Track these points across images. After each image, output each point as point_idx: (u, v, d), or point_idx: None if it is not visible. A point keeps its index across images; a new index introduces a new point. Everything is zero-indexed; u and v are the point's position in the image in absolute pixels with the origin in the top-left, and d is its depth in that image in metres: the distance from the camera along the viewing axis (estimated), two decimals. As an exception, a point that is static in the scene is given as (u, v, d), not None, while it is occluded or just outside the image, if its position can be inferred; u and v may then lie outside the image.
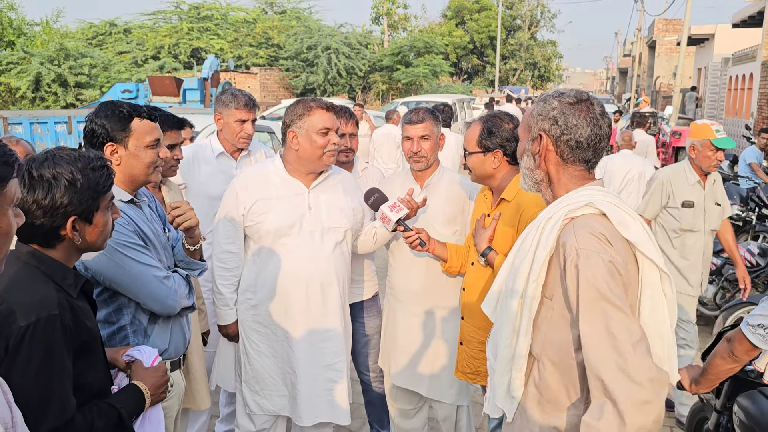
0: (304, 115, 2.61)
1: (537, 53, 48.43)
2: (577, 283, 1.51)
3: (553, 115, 1.65)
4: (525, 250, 1.68)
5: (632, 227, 1.58)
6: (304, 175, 2.71)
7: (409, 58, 31.13)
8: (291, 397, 2.74)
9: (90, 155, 1.72)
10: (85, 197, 1.64)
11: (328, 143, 2.62)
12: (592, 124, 1.64)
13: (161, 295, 2.12)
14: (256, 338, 2.76)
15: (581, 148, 1.65)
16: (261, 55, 30.06)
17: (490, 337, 1.88)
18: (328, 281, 2.70)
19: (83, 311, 1.65)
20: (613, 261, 1.50)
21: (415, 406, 3.07)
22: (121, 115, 2.13)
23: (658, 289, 1.60)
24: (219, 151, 3.39)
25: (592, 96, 1.70)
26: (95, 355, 1.69)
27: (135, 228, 2.12)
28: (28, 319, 1.49)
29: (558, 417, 1.63)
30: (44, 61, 22.52)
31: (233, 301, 2.79)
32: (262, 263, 2.70)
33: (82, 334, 1.60)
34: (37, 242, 1.64)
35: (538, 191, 1.77)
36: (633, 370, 1.41)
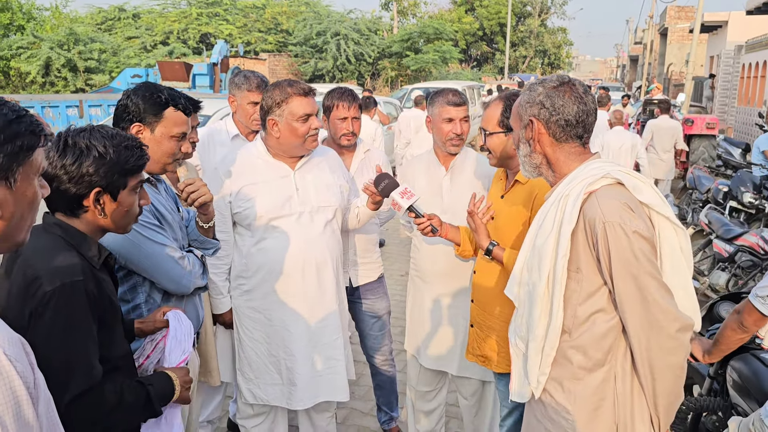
0: (283, 102, 2.56)
1: (547, 40, 48.06)
2: (609, 254, 1.63)
3: (540, 100, 1.77)
4: (548, 229, 1.74)
5: (645, 191, 1.71)
6: (287, 157, 2.68)
7: (418, 45, 30.95)
8: (288, 382, 2.72)
9: (127, 135, 1.75)
10: (111, 171, 1.66)
11: (309, 129, 2.58)
12: (578, 102, 1.76)
13: (176, 275, 2.14)
14: (250, 324, 2.75)
15: (571, 125, 1.77)
16: (270, 41, 29.98)
17: (514, 320, 1.90)
18: (322, 260, 2.69)
19: (106, 283, 1.68)
20: (638, 230, 1.63)
21: (435, 387, 3.08)
22: (158, 100, 2.15)
23: (675, 245, 1.74)
24: (234, 134, 3.38)
25: (573, 78, 1.83)
26: (116, 329, 1.71)
27: (151, 208, 2.13)
28: (53, 284, 1.51)
29: (587, 383, 1.74)
30: (54, 45, 22.54)
31: (226, 289, 2.79)
32: (253, 248, 2.67)
33: (104, 304, 1.62)
34: (62, 210, 1.67)
35: (539, 175, 1.87)
36: (665, 323, 1.62)
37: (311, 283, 2.68)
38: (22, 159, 1.10)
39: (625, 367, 1.73)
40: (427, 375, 3.04)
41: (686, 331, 1.64)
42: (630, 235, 1.61)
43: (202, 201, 2.23)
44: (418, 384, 3.09)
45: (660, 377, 1.66)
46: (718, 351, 2.43)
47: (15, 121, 1.09)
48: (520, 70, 45.20)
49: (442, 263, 2.86)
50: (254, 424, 2.92)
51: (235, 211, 2.67)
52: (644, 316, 1.63)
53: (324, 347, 2.74)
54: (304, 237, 2.65)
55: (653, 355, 1.65)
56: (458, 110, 2.73)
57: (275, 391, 2.76)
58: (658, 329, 1.63)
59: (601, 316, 1.71)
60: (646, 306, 1.63)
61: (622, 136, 7.77)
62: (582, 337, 1.73)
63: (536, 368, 1.79)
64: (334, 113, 3.10)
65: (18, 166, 1.09)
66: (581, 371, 1.74)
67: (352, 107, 3.10)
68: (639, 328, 1.65)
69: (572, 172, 1.78)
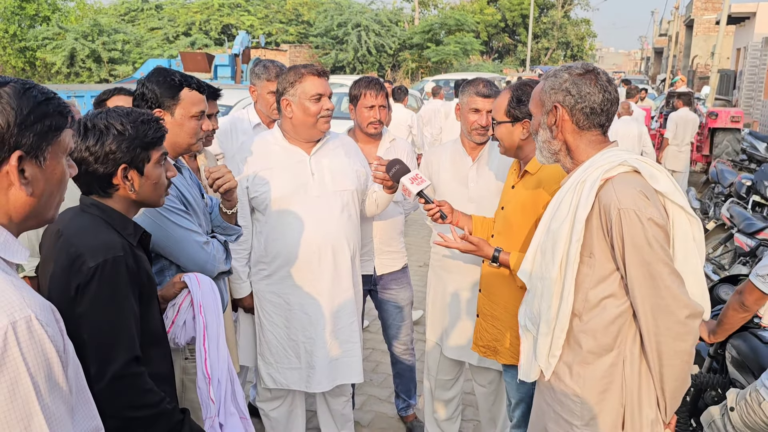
0: (296, 82, 2.61)
1: (570, 32, 47.51)
2: (623, 241, 1.66)
3: (566, 87, 1.78)
4: (563, 214, 1.77)
5: (661, 179, 1.74)
6: (303, 142, 2.72)
7: (439, 36, 30.80)
8: (307, 366, 2.78)
9: (141, 111, 1.82)
10: (133, 146, 1.73)
11: (321, 109, 2.62)
12: (603, 90, 1.78)
13: (201, 259, 2.20)
14: (270, 309, 2.80)
15: (596, 113, 1.78)
16: (291, 32, 30.06)
17: (525, 303, 1.94)
18: (338, 244, 2.72)
19: (143, 260, 1.76)
20: (653, 217, 1.66)
21: (454, 377, 3.11)
22: (172, 83, 2.20)
23: (688, 234, 1.77)
24: (255, 123, 3.43)
25: (597, 66, 1.84)
26: (153, 303, 1.80)
27: (178, 193, 2.19)
28: (96, 260, 1.60)
29: (596, 367, 1.77)
30: (78, 36, 22.86)
31: (245, 274, 2.84)
32: (271, 233, 2.72)
33: (142, 279, 1.71)
34: (96, 192, 1.75)
35: (556, 161, 1.89)
36: (675, 309, 1.65)
37: (328, 268, 2.72)
38: (51, 138, 1.15)
39: (633, 352, 1.76)
40: (447, 364, 3.07)
41: (696, 318, 1.67)
42: (644, 222, 1.64)
43: (227, 187, 2.30)
44: (438, 373, 3.12)
45: (668, 362, 1.70)
46: (722, 331, 2.53)
47: (44, 103, 1.15)
48: (542, 62, 44.75)
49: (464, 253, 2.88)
50: (273, 407, 2.98)
51: (252, 196, 2.72)
52: (655, 302, 1.66)
53: (341, 330, 2.79)
54: (319, 221, 2.69)
55: (662, 340, 1.68)
56: (485, 102, 2.72)
57: (294, 375, 2.81)
58: (669, 315, 1.66)
59: (611, 301, 1.73)
60: (657, 292, 1.66)
61: (629, 125, 7.99)
62: (592, 321, 1.76)
63: (546, 350, 1.83)
64: (362, 102, 3.13)
65: (47, 145, 1.14)
66: (590, 355, 1.77)
67: (379, 95, 3.12)
68: (649, 314, 1.68)
69: (589, 159, 1.80)
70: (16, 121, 1.09)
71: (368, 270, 3.23)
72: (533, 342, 1.89)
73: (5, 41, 23.39)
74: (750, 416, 2.41)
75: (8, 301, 1.01)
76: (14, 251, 1.12)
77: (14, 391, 0.98)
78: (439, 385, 3.12)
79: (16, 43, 23.56)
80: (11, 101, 1.09)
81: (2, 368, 0.97)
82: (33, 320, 1.02)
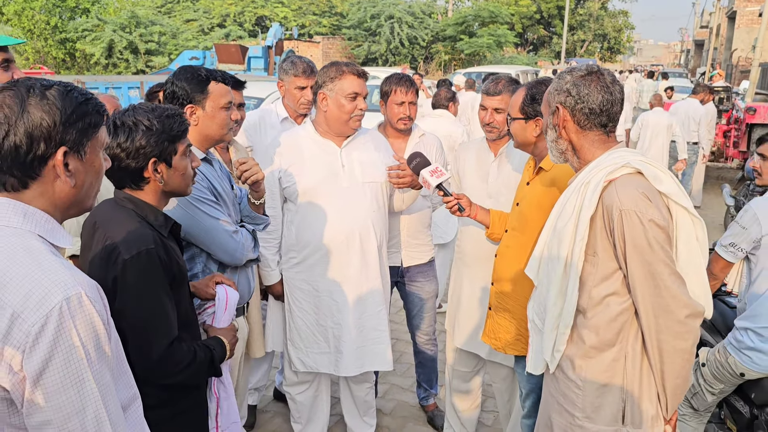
0: (336, 78, 2.70)
1: (607, 24, 46.62)
2: (624, 241, 1.71)
3: (567, 88, 1.84)
4: (568, 213, 1.82)
5: (665, 181, 1.78)
6: (334, 136, 2.81)
7: (473, 28, 30.59)
8: (335, 350, 2.87)
9: (165, 106, 1.92)
10: (161, 140, 1.83)
11: (355, 108, 2.71)
12: (603, 91, 1.82)
13: (230, 248, 2.30)
14: (299, 295, 2.89)
15: (595, 113, 1.83)
16: (324, 24, 30.19)
17: (533, 299, 2.01)
18: (366, 234, 2.81)
19: (173, 249, 1.86)
20: (654, 219, 1.69)
21: (472, 369, 3.15)
22: (200, 78, 2.31)
23: (691, 235, 1.80)
24: (283, 117, 3.51)
25: (602, 68, 1.88)
26: (184, 289, 1.91)
27: (209, 184, 2.29)
28: (130, 253, 1.71)
29: (598, 361, 1.82)
30: (117, 28, 23.32)
31: (275, 263, 2.94)
32: (302, 222, 2.82)
33: (173, 269, 1.81)
34: (128, 185, 1.86)
35: (565, 161, 1.94)
36: (675, 309, 1.70)
37: (356, 256, 2.80)
38: (91, 134, 1.28)
39: (635, 348, 1.80)
40: (464, 356, 3.12)
41: (696, 317, 1.71)
42: (645, 224, 1.68)
43: (254, 179, 2.40)
44: (455, 364, 3.18)
45: (668, 360, 1.74)
46: None
47: (84, 103, 1.27)
48: (578, 55, 44.08)
49: (485, 248, 2.91)
50: (299, 391, 3.08)
51: (284, 186, 2.82)
52: (655, 301, 1.71)
53: (368, 318, 2.87)
54: (349, 211, 2.78)
55: (663, 338, 1.72)
56: (491, 99, 2.78)
57: (323, 359, 2.91)
58: (669, 314, 1.70)
59: (614, 299, 1.78)
60: (657, 291, 1.70)
61: (660, 116, 8.58)
62: (596, 317, 1.80)
63: (551, 344, 1.88)
64: (392, 98, 3.20)
65: (87, 140, 1.27)
66: (593, 350, 1.82)
67: (409, 92, 3.18)
68: (650, 312, 1.72)
69: (595, 159, 1.85)
70: (61, 119, 1.21)
71: (395, 262, 3.30)
72: (540, 336, 1.95)
73: (47, 33, 24.00)
74: (719, 370, 2.78)
75: (61, 279, 1.14)
76: (60, 237, 1.26)
77: (69, 358, 1.12)
78: (457, 375, 3.17)
79: (57, 34, 24.17)
80: (56, 102, 1.22)
81: (59, 338, 1.11)
82: (83, 296, 1.15)
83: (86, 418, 1.14)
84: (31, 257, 1.16)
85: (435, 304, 3.53)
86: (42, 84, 1.23)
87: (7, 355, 1.09)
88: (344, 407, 3.24)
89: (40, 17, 23.77)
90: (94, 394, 1.14)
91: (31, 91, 1.20)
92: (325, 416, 3.19)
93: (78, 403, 1.13)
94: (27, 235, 1.19)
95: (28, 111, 1.18)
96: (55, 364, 1.10)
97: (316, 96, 2.78)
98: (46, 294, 1.11)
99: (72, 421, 1.12)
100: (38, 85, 1.22)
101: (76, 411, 1.12)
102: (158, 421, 1.64)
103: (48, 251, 1.19)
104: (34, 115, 1.19)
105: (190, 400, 1.93)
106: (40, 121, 1.19)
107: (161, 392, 1.80)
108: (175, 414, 1.86)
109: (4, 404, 1.13)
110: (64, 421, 1.12)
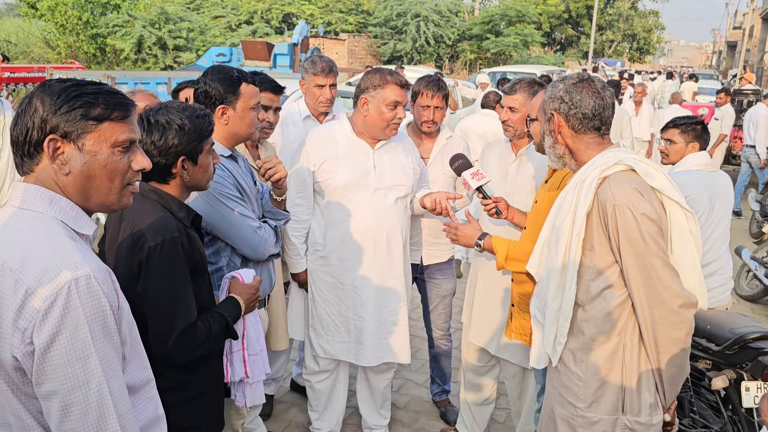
0: (379, 86, 2.79)
1: (637, 24, 45.94)
2: (618, 234, 1.79)
3: (560, 95, 1.95)
4: (566, 210, 1.90)
5: (657, 177, 1.85)
6: (369, 138, 2.90)
7: (499, 27, 30.42)
8: (356, 341, 2.97)
9: (195, 106, 2.01)
10: (191, 139, 1.93)
11: (394, 117, 2.81)
12: (595, 97, 1.91)
13: (254, 243, 2.39)
14: (323, 287, 2.99)
15: (588, 118, 1.92)
16: (350, 22, 30.26)
17: (535, 293, 2.08)
18: (392, 233, 2.91)
19: (195, 239, 1.96)
20: (646, 212, 1.77)
21: (486, 364, 3.20)
22: (232, 79, 2.38)
23: (685, 228, 1.88)
24: (305, 115, 3.58)
25: (592, 75, 2.00)
26: (204, 277, 2.01)
27: (234, 181, 2.38)
28: (155, 240, 1.81)
29: (597, 353, 1.88)
30: (146, 24, 23.64)
31: (303, 251, 3.04)
32: (331, 217, 2.92)
33: (195, 257, 1.91)
34: (155, 179, 1.95)
35: (564, 165, 2.02)
36: (668, 299, 1.76)
37: (381, 254, 2.90)
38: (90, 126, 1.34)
39: (633, 339, 1.86)
40: (476, 350, 3.17)
41: (689, 307, 1.78)
42: (638, 218, 1.76)
43: (277, 177, 2.50)
44: (469, 358, 3.23)
45: (664, 350, 1.80)
46: None
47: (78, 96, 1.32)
48: (606, 55, 43.53)
49: None
50: (319, 380, 3.18)
51: (317, 180, 2.92)
52: (649, 292, 1.78)
53: (389, 313, 2.97)
54: (376, 211, 2.88)
55: (658, 329, 1.79)
56: (507, 98, 2.89)
57: (343, 347, 3.01)
58: (662, 304, 1.77)
59: (611, 292, 1.84)
60: (650, 283, 1.77)
61: (675, 112, 8.63)
62: (594, 310, 1.87)
63: (552, 337, 1.95)
64: (419, 100, 3.26)
65: (84, 132, 1.33)
66: (593, 342, 1.88)
67: (435, 97, 3.23)
68: (645, 303, 1.79)
69: (590, 159, 1.92)
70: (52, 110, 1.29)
71: (416, 259, 3.38)
72: (542, 330, 2.01)
73: (78, 28, 24.42)
74: None
75: (72, 260, 1.24)
76: (83, 224, 1.35)
77: (74, 334, 1.21)
78: (473, 369, 3.22)
79: (89, 30, 24.56)
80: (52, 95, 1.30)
81: (66, 315, 1.20)
82: (91, 277, 1.24)
83: (89, 392, 1.22)
84: (49, 240, 1.25)
85: (452, 301, 3.58)
86: (53, 81, 1.33)
87: (20, 327, 1.19)
88: (360, 399, 3.32)
89: (72, 13, 24.19)
90: (97, 370, 1.22)
91: (40, 87, 1.33)
92: (341, 406, 3.27)
93: (82, 376, 1.21)
94: (50, 220, 1.29)
95: (31, 103, 1.30)
96: (62, 339, 1.19)
97: (357, 98, 2.87)
98: (58, 274, 1.20)
99: (76, 393, 1.21)
100: (51, 81, 1.33)
101: (80, 384, 1.21)
102: (176, 403, 1.73)
103: (66, 235, 1.28)
104: (34, 106, 1.29)
105: (207, 384, 2.02)
106: (34, 111, 1.29)
107: (179, 374, 1.90)
108: (192, 397, 1.95)
109: (18, 373, 1.23)
110: (69, 392, 1.21)
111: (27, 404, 1.26)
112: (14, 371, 1.23)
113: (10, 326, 1.20)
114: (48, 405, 1.22)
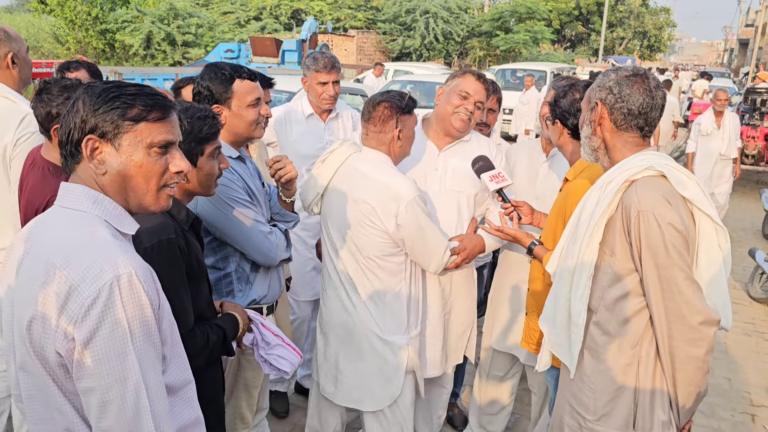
0: (456, 76, 2.74)
1: (648, 21, 45.57)
2: (640, 242, 1.69)
3: (609, 86, 1.83)
4: (588, 211, 1.82)
5: (689, 186, 1.74)
6: (441, 136, 2.78)
7: (509, 24, 30.25)
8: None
9: (199, 107, 1.94)
10: (187, 140, 1.85)
11: (460, 107, 2.68)
12: (645, 94, 1.80)
13: (265, 248, 2.30)
14: None
15: (633, 115, 1.81)
16: (359, 18, 30.16)
17: (550, 296, 1.98)
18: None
19: (194, 244, 1.88)
20: (672, 222, 1.67)
21: (506, 373, 3.11)
22: (223, 77, 2.29)
23: (714, 243, 1.77)
24: (308, 113, 3.51)
25: (648, 72, 1.86)
26: (202, 282, 1.92)
27: (244, 184, 2.30)
28: (151, 241, 1.75)
29: (610, 365, 1.79)
30: (155, 20, 23.63)
31: None
32: None
33: (192, 261, 1.84)
34: None
35: (596, 159, 1.92)
36: (688, 315, 1.66)
37: None
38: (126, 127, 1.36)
39: (649, 353, 1.77)
40: (499, 359, 3.08)
41: (710, 325, 1.67)
42: (663, 227, 1.66)
43: (288, 178, 2.40)
44: (491, 366, 3.13)
45: (681, 367, 1.71)
46: None
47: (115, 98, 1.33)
48: (616, 53, 43.21)
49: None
50: None
51: None
52: (668, 306, 1.69)
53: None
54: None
55: (675, 344, 1.70)
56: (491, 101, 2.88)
57: None
58: (681, 319, 1.67)
59: (628, 301, 1.76)
60: (671, 296, 1.68)
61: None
62: (608, 318, 1.79)
63: (563, 342, 1.87)
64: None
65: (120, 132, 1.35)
66: (605, 352, 1.79)
67: (491, 99, 3.18)
68: (663, 317, 1.70)
69: (623, 159, 1.83)
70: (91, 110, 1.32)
71: None
72: (552, 331, 1.94)
73: (88, 23, 24.44)
74: None
75: (115, 259, 1.25)
76: (126, 224, 1.37)
77: (114, 331, 1.22)
78: (492, 378, 3.14)
79: (98, 25, 24.58)
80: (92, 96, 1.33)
81: (107, 312, 1.21)
82: (133, 276, 1.25)
83: (126, 390, 1.22)
84: (93, 238, 1.27)
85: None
86: (96, 82, 1.38)
87: (63, 324, 1.21)
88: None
89: (81, 8, 24.22)
90: (134, 368, 1.23)
91: (83, 88, 1.36)
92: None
93: (119, 373, 1.22)
94: (94, 219, 1.31)
95: (75, 104, 1.34)
96: (101, 336, 1.20)
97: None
98: (101, 271, 1.22)
99: (113, 390, 1.22)
100: (95, 83, 1.37)
101: (117, 381, 1.22)
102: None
103: (110, 234, 1.30)
104: (77, 107, 1.33)
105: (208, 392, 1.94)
106: (76, 111, 1.33)
107: None
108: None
109: (62, 369, 1.25)
110: (106, 389, 1.21)
111: (71, 400, 1.27)
112: (58, 367, 1.24)
113: (54, 323, 1.22)
114: (87, 401, 1.24)
